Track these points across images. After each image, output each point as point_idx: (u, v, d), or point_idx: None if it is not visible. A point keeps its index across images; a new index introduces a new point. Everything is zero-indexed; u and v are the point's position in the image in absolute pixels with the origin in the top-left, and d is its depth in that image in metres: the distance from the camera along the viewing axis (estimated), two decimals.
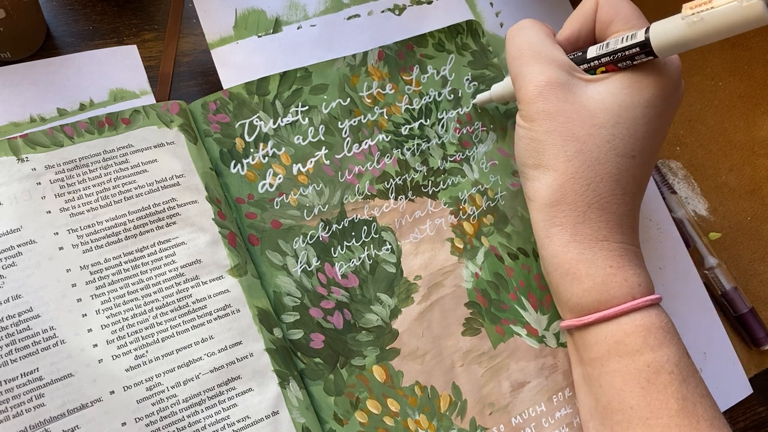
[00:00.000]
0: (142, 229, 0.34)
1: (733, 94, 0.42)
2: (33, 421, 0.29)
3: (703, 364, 0.41)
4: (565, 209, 0.32)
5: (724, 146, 0.44)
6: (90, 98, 0.37)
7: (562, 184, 0.31)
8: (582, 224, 0.31)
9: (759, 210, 0.43)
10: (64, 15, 0.39)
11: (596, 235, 0.31)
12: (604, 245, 0.31)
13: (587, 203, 0.31)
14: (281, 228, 0.36)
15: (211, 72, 0.39)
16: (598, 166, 0.31)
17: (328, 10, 0.42)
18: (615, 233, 0.32)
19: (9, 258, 0.31)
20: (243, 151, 0.37)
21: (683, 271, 0.43)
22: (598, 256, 0.31)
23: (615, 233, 0.32)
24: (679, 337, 0.31)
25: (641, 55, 0.30)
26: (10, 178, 0.33)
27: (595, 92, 0.32)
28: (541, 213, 0.33)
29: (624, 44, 0.31)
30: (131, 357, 0.31)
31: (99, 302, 0.32)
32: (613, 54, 0.31)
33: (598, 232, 0.31)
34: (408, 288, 0.37)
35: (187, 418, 0.31)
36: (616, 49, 0.31)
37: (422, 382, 0.36)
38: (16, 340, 0.30)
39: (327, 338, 0.35)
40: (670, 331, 0.31)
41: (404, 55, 0.41)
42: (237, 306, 0.34)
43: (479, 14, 0.44)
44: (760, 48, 0.40)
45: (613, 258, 0.31)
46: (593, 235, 0.31)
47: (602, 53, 0.32)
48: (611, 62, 0.32)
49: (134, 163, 0.35)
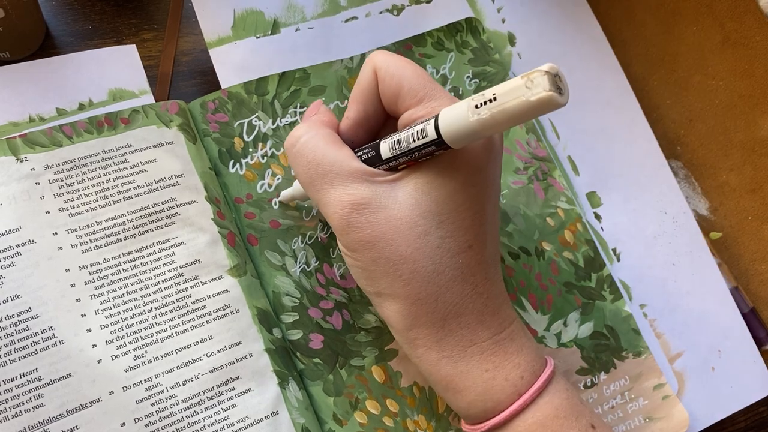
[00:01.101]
0: (142, 229, 0.34)
1: (733, 94, 0.42)
2: (32, 421, 0.29)
3: (716, 362, 0.41)
4: (422, 331, 0.29)
5: (725, 146, 0.44)
6: (89, 98, 0.37)
7: (410, 309, 0.29)
8: (444, 339, 0.29)
9: (759, 210, 0.43)
10: (63, 15, 0.39)
11: (462, 344, 0.29)
12: (474, 350, 0.29)
13: (442, 317, 0.29)
14: (280, 228, 0.36)
15: (210, 72, 0.39)
16: (437, 277, 0.28)
17: (326, 12, 0.42)
18: (479, 333, 0.29)
19: (8, 258, 0.31)
20: (242, 150, 0.37)
21: (700, 266, 0.42)
22: (471, 364, 0.29)
23: (479, 333, 0.29)
24: (579, 411, 0.29)
25: (439, 150, 0.27)
26: (9, 178, 0.33)
27: (405, 195, 0.28)
28: (402, 337, 0.30)
29: (417, 143, 0.27)
30: (130, 357, 0.31)
31: (98, 302, 0.32)
32: (410, 153, 0.27)
33: (463, 340, 0.29)
34: None
35: (186, 419, 0.31)
36: (410, 149, 0.27)
37: (420, 382, 0.36)
38: (15, 341, 0.30)
39: (326, 338, 0.35)
40: (568, 413, 0.29)
41: (402, 55, 0.41)
42: (236, 306, 0.34)
43: (479, 11, 0.44)
44: (760, 47, 0.40)
45: (487, 360, 0.29)
46: (459, 345, 0.29)
47: (397, 153, 0.28)
48: (411, 160, 0.28)
49: (133, 162, 0.35)
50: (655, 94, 0.46)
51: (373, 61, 0.30)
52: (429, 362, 0.29)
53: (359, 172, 0.28)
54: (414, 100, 0.29)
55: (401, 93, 0.29)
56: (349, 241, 0.28)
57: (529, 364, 0.29)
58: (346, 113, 0.31)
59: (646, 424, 0.38)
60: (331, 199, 0.28)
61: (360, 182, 0.28)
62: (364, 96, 0.30)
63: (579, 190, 0.43)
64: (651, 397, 0.38)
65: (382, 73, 0.29)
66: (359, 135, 0.31)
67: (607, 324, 0.39)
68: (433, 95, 0.29)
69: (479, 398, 0.29)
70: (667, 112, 0.46)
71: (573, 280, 0.39)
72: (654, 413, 0.38)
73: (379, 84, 0.30)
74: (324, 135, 0.30)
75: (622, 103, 0.45)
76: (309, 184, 0.29)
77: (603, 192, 0.43)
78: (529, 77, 0.22)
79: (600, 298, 0.39)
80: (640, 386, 0.38)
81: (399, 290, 0.28)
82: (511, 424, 0.29)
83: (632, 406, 0.38)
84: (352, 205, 0.28)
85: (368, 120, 0.31)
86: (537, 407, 0.28)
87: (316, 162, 0.29)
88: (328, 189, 0.28)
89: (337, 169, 0.28)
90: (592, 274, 0.40)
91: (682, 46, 0.44)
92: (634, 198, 0.43)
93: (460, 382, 0.29)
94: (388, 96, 0.29)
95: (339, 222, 0.28)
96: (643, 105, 0.46)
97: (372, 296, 0.30)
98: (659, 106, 0.46)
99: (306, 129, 0.30)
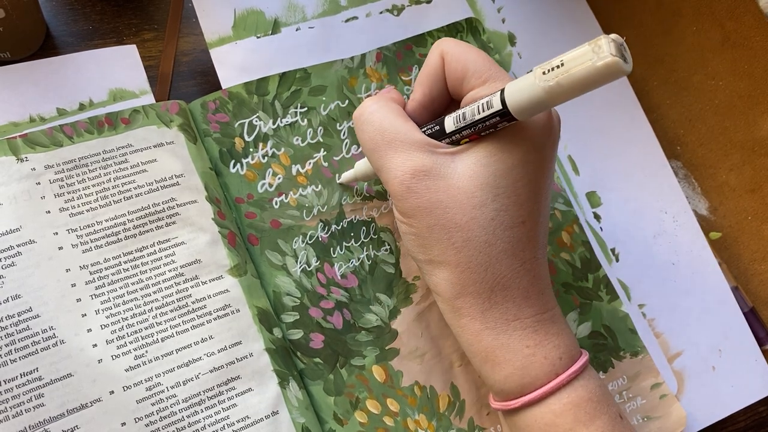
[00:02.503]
0: (142, 228, 0.34)
1: (733, 94, 0.42)
2: (33, 421, 0.30)
3: (717, 362, 0.41)
4: (469, 300, 0.30)
5: (725, 146, 0.44)
6: (89, 98, 0.37)
7: (459, 277, 0.30)
8: (489, 310, 0.30)
9: (759, 210, 0.43)
10: (63, 15, 0.39)
11: (506, 317, 0.30)
12: (517, 325, 0.30)
13: (489, 288, 0.29)
14: (281, 228, 0.36)
15: (210, 72, 0.39)
16: (489, 248, 0.29)
17: (326, 12, 0.42)
18: (525, 309, 0.30)
19: (8, 258, 0.31)
20: (242, 150, 0.37)
21: (701, 265, 0.42)
22: (513, 338, 0.30)
23: (525, 309, 0.30)
24: (609, 400, 0.30)
25: (503, 122, 0.28)
26: (10, 178, 0.33)
27: (464, 167, 0.29)
28: (447, 305, 0.31)
29: (482, 114, 0.28)
30: (131, 357, 0.32)
31: (98, 302, 0.32)
32: (473, 125, 0.28)
33: (508, 313, 0.30)
34: (407, 288, 0.37)
35: (186, 418, 0.31)
36: (474, 121, 0.28)
37: (421, 382, 0.36)
38: (15, 340, 0.30)
39: (327, 338, 0.35)
40: (601, 399, 0.30)
41: (403, 55, 0.41)
42: (237, 306, 0.34)
43: (479, 11, 0.44)
44: (760, 47, 0.40)
45: (529, 336, 0.30)
46: (503, 318, 0.30)
47: (461, 126, 0.29)
48: (474, 133, 0.29)
49: (134, 162, 0.35)
50: (655, 94, 0.46)
51: (440, 46, 0.31)
52: (471, 332, 0.30)
53: (422, 143, 0.30)
54: (479, 81, 0.30)
55: (467, 75, 0.30)
56: (406, 206, 0.30)
57: (567, 347, 0.30)
58: (411, 96, 0.33)
59: (644, 423, 0.38)
60: (394, 164, 0.30)
61: (423, 151, 0.29)
62: (430, 79, 0.32)
63: (579, 190, 0.43)
64: (648, 397, 0.38)
65: (449, 57, 0.31)
66: (423, 116, 0.32)
67: (605, 324, 0.39)
68: (497, 77, 0.30)
69: (517, 372, 0.30)
70: (667, 112, 0.46)
71: (571, 281, 0.39)
72: (652, 412, 0.38)
73: (446, 67, 0.31)
74: (392, 108, 0.31)
75: (622, 103, 0.45)
76: (373, 150, 0.31)
77: (603, 192, 0.43)
78: (595, 43, 0.23)
79: (597, 299, 0.39)
80: (638, 386, 0.38)
81: (451, 257, 0.29)
82: (546, 401, 0.29)
83: (630, 406, 0.38)
84: (414, 171, 0.29)
85: (432, 102, 0.32)
86: (572, 389, 0.29)
87: (383, 129, 0.30)
88: (392, 155, 0.30)
89: (402, 137, 0.30)
90: (588, 274, 0.40)
91: (681, 46, 0.44)
92: (634, 198, 0.43)
93: (501, 354, 0.30)
94: (453, 78, 0.31)
95: (399, 187, 0.29)
96: (643, 105, 0.46)
97: (422, 264, 0.31)
98: (659, 106, 0.46)
99: (376, 101, 0.32)
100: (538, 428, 0.30)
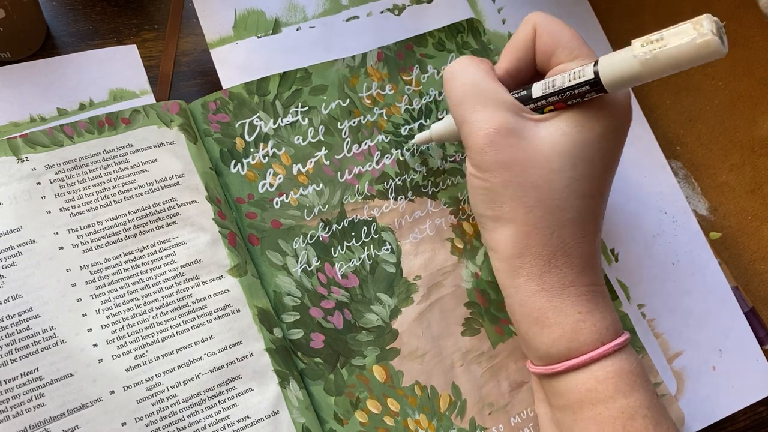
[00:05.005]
0: (142, 228, 0.34)
1: (733, 94, 0.42)
2: (33, 420, 0.30)
3: (717, 362, 0.41)
4: (529, 260, 0.31)
5: (725, 146, 0.44)
6: (90, 98, 0.37)
7: (525, 236, 0.30)
8: (548, 273, 0.31)
9: (759, 210, 0.43)
10: (64, 15, 0.39)
11: (563, 282, 0.31)
12: (572, 291, 0.31)
13: (552, 251, 0.30)
14: (281, 228, 0.36)
15: (211, 72, 0.39)
16: (559, 213, 0.30)
17: (327, 11, 0.42)
18: (581, 277, 0.31)
19: (9, 258, 0.31)
20: (243, 150, 0.37)
21: (701, 265, 0.42)
22: (566, 303, 0.30)
23: (581, 277, 0.31)
24: (647, 377, 0.31)
25: (591, 92, 0.28)
26: (10, 178, 0.33)
27: (546, 134, 0.30)
28: (505, 264, 0.31)
29: (572, 82, 0.29)
30: (131, 357, 0.32)
31: (99, 302, 0.32)
32: (562, 93, 0.29)
33: (565, 279, 0.31)
34: (408, 288, 0.37)
35: (187, 418, 0.31)
36: (564, 88, 0.29)
37: (422, 381, 0.36)
38: (16, 340, 0.30)
39: (327, 338, 0.35)
40: (640, 373, 0.30)
41: (404, 55, 0.41)
42: (237, 306, 0.34)
43: (480, 12, 0.44)
44: (760, 47, 0.40)
45: (582, 303, 0.31)
46: (560, 282, 0.31)
47: (549, 92, 0.30)
48: (560, 101, 0.30)
49: (134, 162, 0.35)
50: (655, 94, 0.46)
51: (533, 19, 0.32)
52: (526, 292, 0.31)
53: (510, 103, 0.30)
54: (569, 57, 0.31)
55: (557, 50, 0.31)
56: (484, 160, 0.30)
57: (613, 320, 0.31)
58: (498, 64, 0.33)
59: None
60: (480, 117, 0.30)
61: (510, 111, 0.30)
62: (519, 49, 0.32)
63: None
64: None
65: (540, 29, 0.31)
66: (508, 84, 0.33)
67: None
68: (587, 55, 0.30)
69: (566, 336, 0.30)
70: (667, 112, 0.46)
71: None
72: None
73: (537, 39, 0.32)
74: (484, 68, 0.32)
75: None
76: (461, 103, 0.31)
77: None
78: (697, 21, 0.23)
79: None
80: None
81: (520, 216, 0.30)
82: (590, 367, 0.30)
83: None
84: (499, 125, 0.30)
85: (519, 72, 0.33)
86: (616, 359, 0.30)
87: (474, 83, 0.31)
88: (480, 108, 0.30)
89: (492, 94, 0.31)
90: None
91: None
92: (634, 198, 0.43)
93: (552, 317, 0.31)
94: (543, 51, 0.32)
95: (482, 139, 0.30)
96: (643, 105, 0.46)
97: (486, 220, 0.32)
98: (659, 106, 0.46)
99: (469, 59, 0.33)
100: (579, 393, 0.30)
